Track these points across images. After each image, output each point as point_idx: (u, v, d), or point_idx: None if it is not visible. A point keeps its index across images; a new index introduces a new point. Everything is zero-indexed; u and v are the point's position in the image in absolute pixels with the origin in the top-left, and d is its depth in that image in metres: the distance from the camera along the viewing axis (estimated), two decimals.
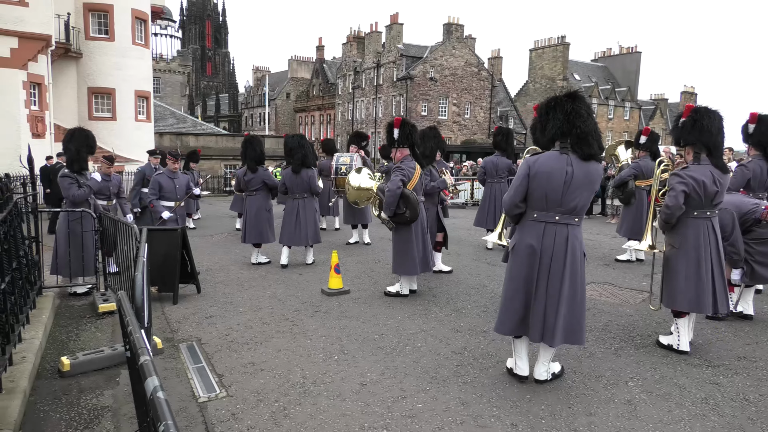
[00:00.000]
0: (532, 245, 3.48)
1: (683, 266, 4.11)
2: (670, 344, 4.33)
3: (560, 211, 3.45)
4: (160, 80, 66.50)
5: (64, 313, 5.42)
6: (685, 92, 59.14)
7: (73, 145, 6.10)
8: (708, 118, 4.06)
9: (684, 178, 4.06)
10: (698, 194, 4.04)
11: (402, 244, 5.69)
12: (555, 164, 3.40)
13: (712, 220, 4.14)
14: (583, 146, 3.40)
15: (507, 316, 3.61)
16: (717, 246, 4.12)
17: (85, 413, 3.35)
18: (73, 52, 20.99)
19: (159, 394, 1.28)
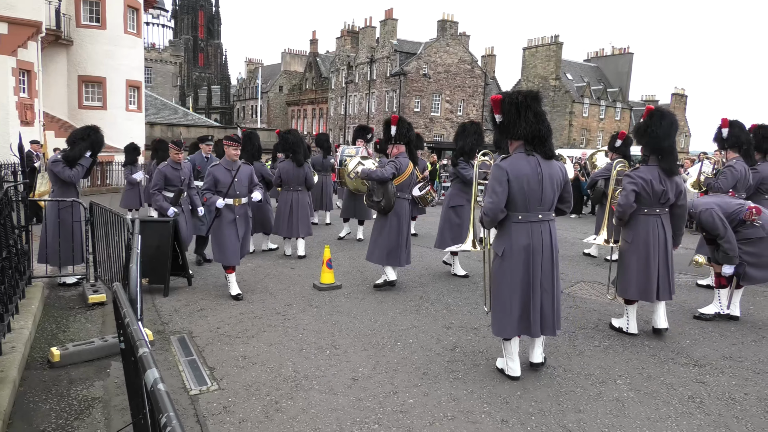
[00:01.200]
0: (526, 246, 3.59)
1: (634, 259, 4.48)
2: (621, 327, 4.75)
3: (540, 210, 3.63)
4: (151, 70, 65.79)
5: (53, 304, 5.37)
6: (676, 94, 59.58)
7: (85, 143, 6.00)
8: (657, 124, 4.31)
9: (634, 179, 4.40)
10: (647, 193, 4.35)
11: (376, 232, 5.97)
12: (528, 166, 3.57)
13: (661, 217, 4.46)
14: (548, 147, 3.65)
15: (506, 320, 3.66)
16: (665, 241, 4.46)
17: (76, 404, 3.34)
18: (63, 39, 20.74)
19: (160, 386, 1.28)
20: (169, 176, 6.52)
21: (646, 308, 5.47)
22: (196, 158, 7.74)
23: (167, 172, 6.51)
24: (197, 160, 7.66)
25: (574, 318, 5.12)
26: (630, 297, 4.57)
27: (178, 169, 6.57)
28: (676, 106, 58.51)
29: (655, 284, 4.44)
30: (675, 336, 4.69)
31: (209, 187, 5.64)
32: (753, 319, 5.24)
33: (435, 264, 7.51)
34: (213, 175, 5.66)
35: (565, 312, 5.32)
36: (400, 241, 5.87)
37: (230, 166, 5.72)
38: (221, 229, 5.67)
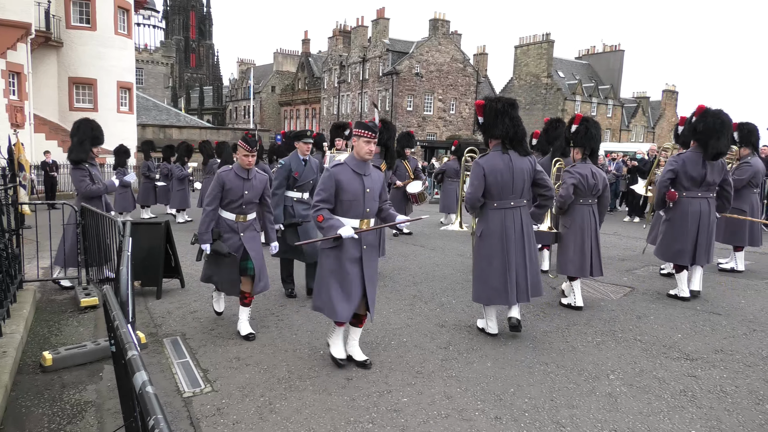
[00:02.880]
0: (500, 228, 4.32)
1: (572, 242, 5.24)
2: (569, 303, 5.36)
3: (512, 198, 4.33)
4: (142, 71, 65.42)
5: (45, 308, 5.34)
6: (667, 90, 59.92)
7: (77, 137, 6.00)
8: (594, 128, 5.28)
9: (573, 174, 5.22)
10: (583, 186, 5.18)
11: None
12: (501, 162, 4.28)
13: (593, 206, 5.31)
14: (522, 145, 4.36)
15: (482, 288, 4.43)
16: (596, 226, 5.30)
17: (68, 408, 3.32)
18: (53, 40, 20.60)
19: (148, 389, 1.28)
20: (231, 187, 4.42)
21: (628, 304, 5.51)
22: (292, 161, 5.62)
23: (228, 181, 4.43)
24: (293, 164, 5.61)
25: (566, 314, 5.14)
26: (569, 274, 5.28)
27: (245, 178, 4.48)
28: (667, 103, 58.89)
29: (589, 263, 5.22)
30: (667, 330, 4.72)
31: (326, 197, 3.78)
32: (744, 312, 5.28)
33: (428, 263, 7.52)
34: (335, 179, 3.76)
35: (557, 308, 5.34)
36: None
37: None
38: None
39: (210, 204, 4.44)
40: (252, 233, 4.58)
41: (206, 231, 4.41)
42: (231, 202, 4.45)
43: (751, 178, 6.65)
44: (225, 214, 4.48)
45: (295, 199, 5.59)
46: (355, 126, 3.83)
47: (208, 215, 4.44)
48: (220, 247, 4.39)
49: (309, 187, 5.62)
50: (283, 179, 5.53)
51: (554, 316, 5.10)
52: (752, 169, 6.60)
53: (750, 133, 6.64)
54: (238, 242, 4.46)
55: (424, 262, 7.53)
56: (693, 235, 5.52)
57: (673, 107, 59.00)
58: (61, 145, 20.03)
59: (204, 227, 4.41)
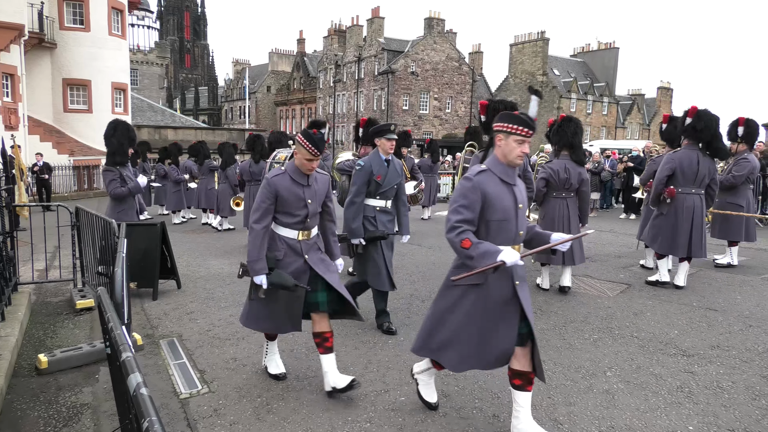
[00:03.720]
0: None
1: None
2: (539, 284, 5.98)
3: None
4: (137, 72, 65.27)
5: (40, 310, 5.31)
6: (662, 87, 60.08)
7: (116, 139, 5.97)
8: (568, 125, 5.62)
9: (545, 169, 5.65)
10: (554, 180, 5.58)
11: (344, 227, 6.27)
12: None
13: (567, 200, 5.67)
14: None
15: None
16: (569, 218, 5.67)
17: (64, 411, 3.31)
18: (47, 42, 20.51)
19: (142, 391, 1.27)
20: (287, 196, 3.36)
21: (624, 301, 5.52)
22: (373, 162, 4.58)
23: (283, 189, 3.35)
24: (375, 166, 4.56)
25: (563, 312, 5.15)
26: (539, 260, 5.86)
27: (305, 184, 3.41)
28: (662, 100, 59.04)
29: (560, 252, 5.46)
30: (663, 327, 4.73)
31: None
32: (740, 308, 5.30)
33: (425, 262, 7.52)
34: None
35: (554, 306, 5.35)
36: None
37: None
38: None
39: (260, 220, 3.31)
40: (318, 254, 3.53)
41: (259, 257, 3.27)
42: (290, 216, 3.38)
43: (749, 173, 6.70)
44: (282, 232, 3.41)
45: (377, 208, 4.60)
46: (502, 119, 2.78)
47: (259, 236, 3.29)
48: (284, 279, 3.28)
49: (393, 194, 4.70)
50: (363, 184, 4.52)
51: (551, 314, 5.11)
52: (750, 165, 6.66)
53: (753, 131, 6.73)
54: (303, 267, 3.42)
55: (421, 261, 7.53)
56: (687, 229, 5.74)
57: (668, 104, 59.17)
58: (55, 147, 19.96)
59: (255, 253, 3.27)
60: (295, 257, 3.42)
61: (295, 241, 3.43)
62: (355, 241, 4.46)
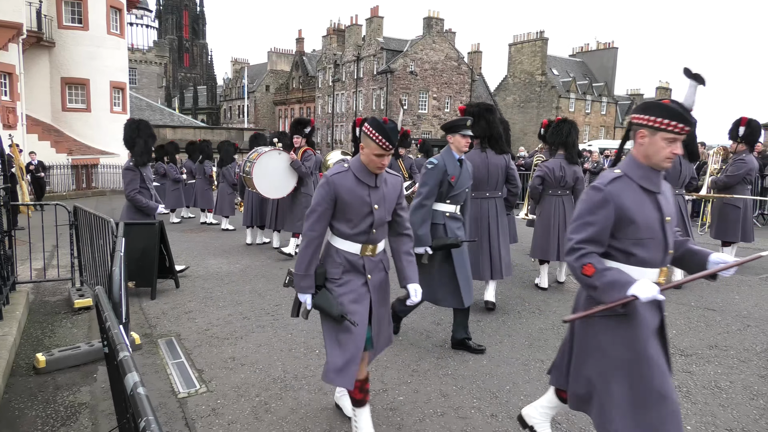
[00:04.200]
0: (476, 215, 4.83)
1: (539, 228, 5.90)
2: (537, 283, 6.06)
3: (488, 189, 4.86)
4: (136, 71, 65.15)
5: (38, 309, 5.31)
6: (660, 87, 60.11)
7: (142, 138, 5.97)
8: (564, 126, 5.83)
9: (541, 168, 5.85)
10: (550, 178, 5.79)
11: None
12: (478, 159, 4.77)
13: (562, 197, 5.85)
14: (495, 145, 4.83)
15: None
16: (566, 215, 5.76)
17: (62, 410, 3.30)
18: (45, 41, 20.47)
19: (139, 390, 1.27)
20: (350, 200, 2.73)
21: None
22: (446, 161, 4.04)
23: (345, 190, 2.73)
24: (449, 166, 4.03)
25: (561, 311, 5.15)
26: (536, 257, 6.01)
27: (372, 185, 2.77)
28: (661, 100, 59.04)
29: (555, 248, 5.74)
30: None
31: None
32: (738, 308, 5.30)
33: None
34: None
35: (553, 306, 5.36)
36: None
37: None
38: None
39: (313, 227, 2.71)
40: (382, 275, 2.90)
41: (306, 273, 2.73)
42: (351, 224, 2.73)
43: (745, 174, 6.71)
44: (341, 244, 2.77)
45: (447, 213, 4.09)
46: (648, 110, 2.21)
47: (310, 246, 2.72)
48: (329, 305, 2.70)
49: (464, 198, 4.19)
50: (435, 186, 4.00)
51: (550, 313, 5.11)
52: (747, 166, 6.67)
53: (755, 132, 6.73)
54: (364, 291, 2.79)
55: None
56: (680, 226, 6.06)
57: None
58: (54, 146, 19.92)
59: (304, 265, 2.72)
60: (356, 276, 2.78)
61: (357, 257, 2.76)
62: (420, 250, 3.89)
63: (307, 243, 2.74)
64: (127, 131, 6.02)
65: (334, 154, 8.53)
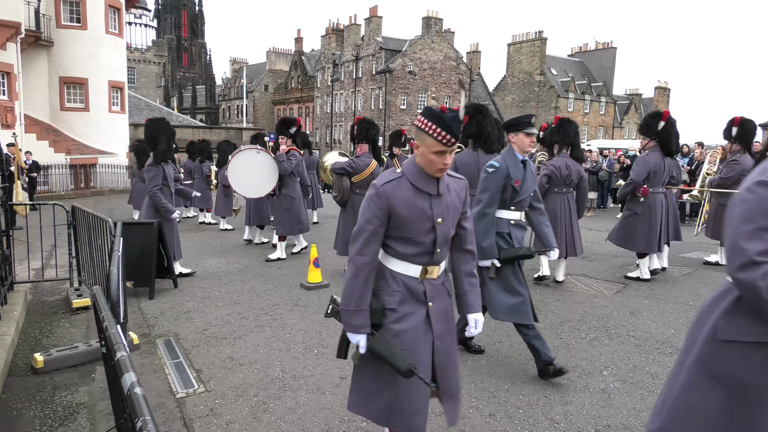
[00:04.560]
0: None
1: None
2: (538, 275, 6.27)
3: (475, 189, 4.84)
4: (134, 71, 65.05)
5: (36, 309, 5.30)
6: (659, 87, 60.24)
7: (163, 136, 6.06)
8: (568, 126, 5.98)
9: (547, 166, 5.96)
10: (556, 176, 5.88)
11: (340, 225, 6.48)
12: (469, 158, 5.21)
13: (567, 195, 6.00)
14: (484, 145, 5.15)
15: None
16: (570, 212, 5.96)
17: (60, 410, 3.30)
18: (43, 40, 20.42)
19: (136, 390, 1.27)
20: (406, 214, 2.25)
21: (621, 300, 5.54)
22: (509, 163, 3.67)
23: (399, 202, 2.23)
24: (512, 168, 3.67)
25: (560, 311, 5.16)
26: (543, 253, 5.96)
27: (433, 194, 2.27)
28: (659, 99, 59.18)
29: (563, 245, 5.85)
30: (660, 326, 4.74)
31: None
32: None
33: None
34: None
35: (551, 305, 5.36)
36: None
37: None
38: None
39: (363, 250, 2.20)
40: (445, 301, 2.39)
41: (358, 307, 2.21)
42: (409, 243, 2.25)
43: (738, 176, 6.71)
44: (398, 266, 2.28)
45: (511, 221, 3.74)
46: None
47: (361, 274, 2.20)
48: (392, 354, 2.15)
49: (528, 204, 3.89)
50: (497, 192, 3.64)
51: (548, 313, 5.12)
52: (740, 167, 6.67)
53: (749, 133, 6.71)
54: (425, 323, 2.29)
55: None
56: (658, 225, 6.28)
57: (665, 104, 59.32)
58: (52, 146, 19.89)
59: (354, 299, 2.21)
60: (415, 306, 2.28)
61: (416, 282, 2.27)
62: (485, 263, 3.54)
63: (356, 271, 2.19)
64: (149, 130, 6.14)
65: (332, 155, 8.51)
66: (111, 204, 15.70)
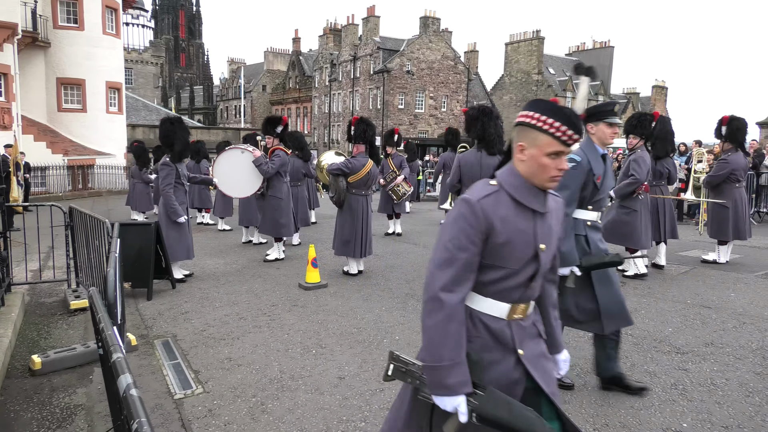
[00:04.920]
0: None
1: None
2: None
3: None
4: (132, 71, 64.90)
5: (34, 311, 5.29)
6: (656, 86, 60.27)
7: (178, 136, 6.15)
8: None
9: None
10: None
11: (337, 225, 6.49)
12: (472, 158, 5.58)
13: None
14: (489, 146, 5.47)
15: None
16: None
17: (58, 412, 3.29)
18: (40, 41, 20.39)
19: (132, 392, 1.26)
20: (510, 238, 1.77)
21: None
22: (590, 156, 3.26)
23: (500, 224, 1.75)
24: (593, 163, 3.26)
25: None
26: None
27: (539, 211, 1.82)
28: (656, 98, 59.24)
29: None
30: (657, 324, 4.75)
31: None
32: (733, 305, 5.32)
33: (421, 261, 7.52)
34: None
35: None
36: (354, 233, 6.34)
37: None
38: None
39: (455, 286, 1.74)
40: (539, 344, 1.92)
41: (453, 360, 1.72)
42: (504, 275, 1.79)
43: (728, 175, 6.72)
44: (481, 305, 1.83)
45: (588, 223, 3.34)
46: None
47: (454, 316, 1.74)
48: (523, 418, 1.63)
49: (606, 204, 3.58)
50: (578, 189, 3.21)
51: None
52: (729, 167, 6.67)
53: (737, 131, 6.70)
54: (515, 373, 1.82)
55: (417, 260, 7.53)
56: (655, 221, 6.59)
57: (662, 102, 59.39)
58: (49, 147, 19.85)
59: (445, 350, 1.73)
60: (501, 353, 1.81)
61: (503, 325, 1.81)
62: (564, 272, 3.11)
63: (448, 314, 1.69)
64: (163, 129, 6.21)
65: (328, 154, 8.48)
66: (109, 205, 15.68)
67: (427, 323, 1.75)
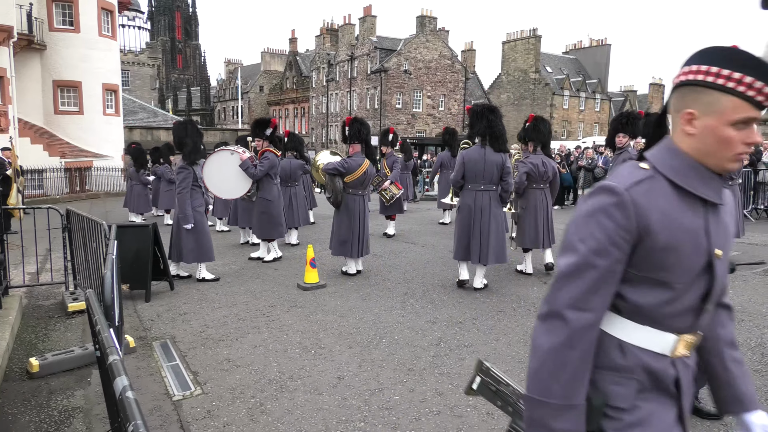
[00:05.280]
0: (470, 204, 5.56)
1: (527, 220, 6.33)
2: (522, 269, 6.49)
3: (483, 182, 5.52)
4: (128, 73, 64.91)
5: (32, 313, 5.28)
6: (654, 84, 60.38)
7: (191, 138, 6.22)
8: (542, 124, 6.33)
9: (526, 164, 6.24)
10: (534, 173, 6.21)
11: (334, 225, 6.50)
12: (476, 154, 5.53)
13: (544, 190, 6.35)
14: (494, 143, 5.51)
15: (457, 249, 5.70)
16: (548, 206, 6.36)
17: (56, 415, 3.28)
18: (36, 43, 20.34)
19: (128, 394, 1.26)
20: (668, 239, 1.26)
21: None
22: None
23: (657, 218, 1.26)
24: None
25: None
26: (525, 246, 6.41)
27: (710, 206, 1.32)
28: (654, 96, 59.34)
29: (542, 237, 6.27)
30: None
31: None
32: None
33: (419, 260, 7.52)
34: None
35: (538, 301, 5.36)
36: (351, 233, 6.35)
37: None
38: None
39: (587, 301, 1.25)
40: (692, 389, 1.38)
41: (569, 399, 1.25)
42: (667, 292, 1.28)
43: None
44: (636, 336, 1.30)
45: None
46: None
47: (578, 341, 1.25)
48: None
49: None
50: None
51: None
52: None
53: None
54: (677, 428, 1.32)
55: (415, 260, 7.53)
56: None
57: (660, 100, 59.48)
58: (46, 149, 19.82)
59: (563, 383, 1.26)
60: (659, 401, 1.32)
61: (666, 363, 1.32)
62: None
63: (570, 337, 1.26)
64: (177, 132, 6.31)
65: (323, 154, 8.45)
66: (107, 207, 15.66)
67: (540, 343, 1.29)
